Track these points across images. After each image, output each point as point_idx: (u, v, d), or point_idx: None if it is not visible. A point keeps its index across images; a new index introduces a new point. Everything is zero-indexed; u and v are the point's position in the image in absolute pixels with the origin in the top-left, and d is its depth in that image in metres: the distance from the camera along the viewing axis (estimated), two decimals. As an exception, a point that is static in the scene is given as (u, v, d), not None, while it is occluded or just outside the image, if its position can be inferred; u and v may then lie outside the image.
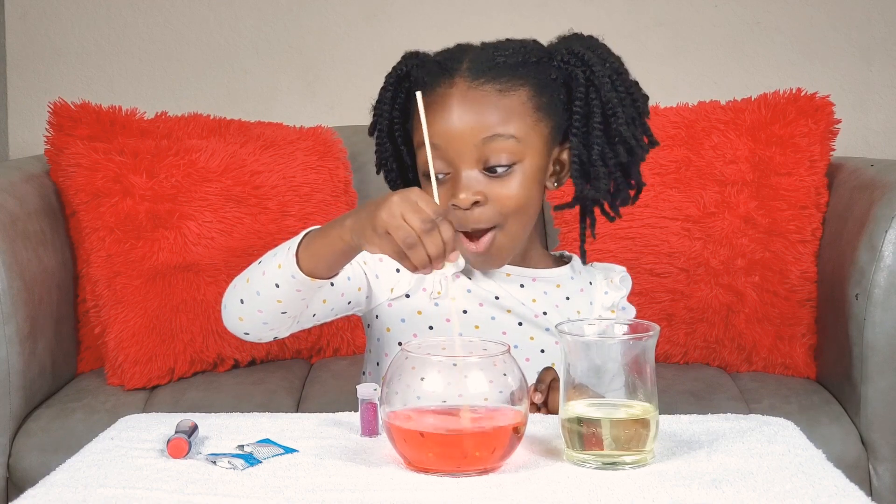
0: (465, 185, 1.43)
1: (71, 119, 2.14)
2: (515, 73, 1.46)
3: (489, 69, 1.45)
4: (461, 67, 1.46)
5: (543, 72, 1.48)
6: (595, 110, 1.48)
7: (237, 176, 2.17)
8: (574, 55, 1.49)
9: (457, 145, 1.43)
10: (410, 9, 2.62)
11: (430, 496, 1.09)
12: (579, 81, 1.48)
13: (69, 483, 1.12)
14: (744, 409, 1.96)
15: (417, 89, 1.42)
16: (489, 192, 1.44)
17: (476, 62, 1.46)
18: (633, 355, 1.17)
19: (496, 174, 1.44)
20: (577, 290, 1.56)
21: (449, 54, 1.50)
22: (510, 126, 1.44)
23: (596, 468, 1.15)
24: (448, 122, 1.43)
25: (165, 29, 2.62)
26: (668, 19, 2.61)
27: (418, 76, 1.49)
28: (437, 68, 1.47)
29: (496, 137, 1.43)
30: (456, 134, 1.43)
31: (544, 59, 1.49)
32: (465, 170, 1.44)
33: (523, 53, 1.48)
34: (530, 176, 1.46)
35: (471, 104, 1.44)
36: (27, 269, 1.96)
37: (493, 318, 1.51)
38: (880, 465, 1.96)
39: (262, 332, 1.43)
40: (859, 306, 1.95)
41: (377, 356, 1.55)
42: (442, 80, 1.46)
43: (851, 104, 2.55)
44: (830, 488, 1.10)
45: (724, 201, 2.14)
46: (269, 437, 1.25)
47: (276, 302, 1.38)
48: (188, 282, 2.08)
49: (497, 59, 1.46)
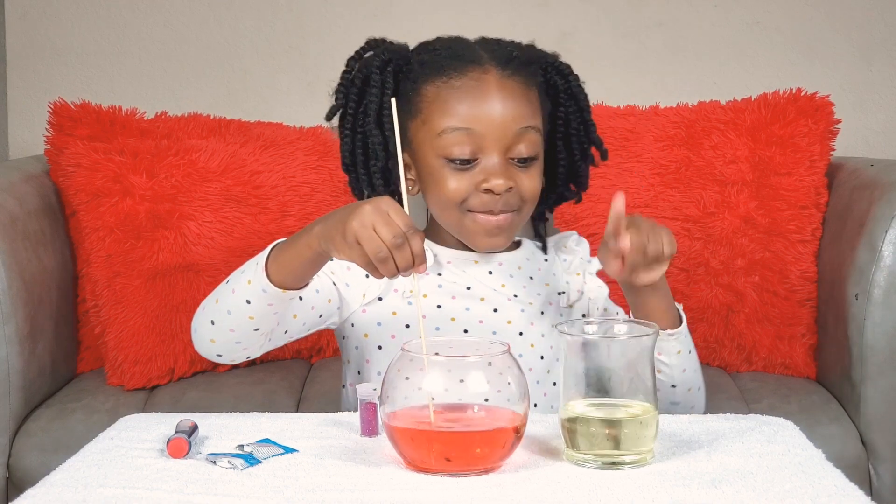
0: (502, 172, 1.46)
1: (71, 119, 2.14)
2: (529, 70, 1.50)
3: (510, 61, 1.48)
4: (482, 57, 1.48)
5: (537, 73, 1.53)
6: (572, 116, 1.56)
7: (237, 176, 2.17)
8: (552, 66, 1.55)
9: (496, 132, 1.45)
10: (411, 9, 2.62)
11: (430, 496, 1.09)
12: (559, 89, 1.54)
13: (69, 483, 1.12)
14: (744, 408, 1.96)
15: (429, 73, 1.47)
16: (516, 180, 1.48)
17: (496, 53, 1.49)
18: (634, 355, 1.17)
19: (523, 165, 1.48)
20: (536, 268, 1.60)
21: (454, 42, 1.52)
22: (536, 119, 1.49)
23: (596, 468, 1.15)
24: (489, 108, 1.45)
25: (165, 29, 2.62)
26: (668, 19, 2.61)
27: (426, 60, 1.50)
28: (452, 54, 1.49)
29: (529, 129, 1.47)
30: (497, 120, 1.45)
31: (533, 61, 1.53)
32: (498, 156, 1.46)
33: (529, 53, 1.53)
34: (541, 168, 1.52)
35: (509, 93, 1.46)
36: (27, 269, 1.96)
37: (467, 309, 1.53)
38: (880, 465, 1.96)
39: (235, 353, 1.43)
40: (859, 306, 1.95)
41: (358, 365, 1.55)
42: (470, 65, 1.47)
43: (851, 104, 2.55)
44: (830, 488, 1.10)
45: (723, 201, 2.14)
46: (269, 437, 1.25)
47: (247, 319, 1.38)
48: (188, 282, 2.08)
49: (513, 53, 1.49)
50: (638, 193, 2.17)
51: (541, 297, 1.57)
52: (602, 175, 2.13)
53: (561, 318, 1.58)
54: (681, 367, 1.50)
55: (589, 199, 1.84)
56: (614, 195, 1.40)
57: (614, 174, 2.18)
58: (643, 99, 2.33)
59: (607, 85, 2.51)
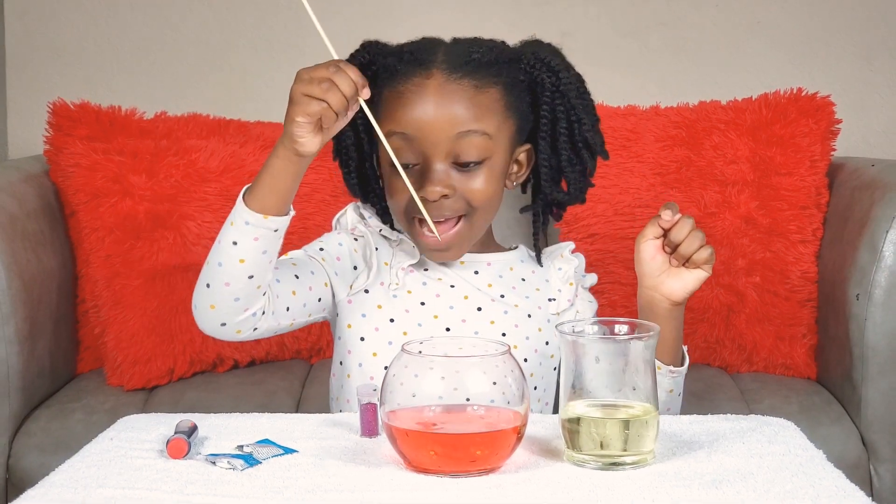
0: (436, 178, 1.45)
1: (70, 119, 2.14)
2: (489, 71, 1.48)
3: (465, 63, 1.47)
4: (437, 59, 1.47)
5: (513, 73, 1.51)
6: (560, 116, 1.52)
7: (237, 176, 2.17)
8: (540, 60, 1.52)
9: (431, 137, 1.45)
10: (411, 9, 2.62)
11: (430, 496, 1.09)
12: (546, 86, 1.51)
13: (69, 483, 1.12)
14: (744, 409, 1.96)
15: (387, 77, 1.47)
16: (458, 185, 1.46)
17: (452, 56, 1.48)
18: (634, 356, 1.17)
19: (466, 169, 1.47)
20: (529, 272, 1.59)
21: (420, 45, 1.51)
22: (483, 123, 1.46)
23: (596, 468, 1.15)
24: (424, 113, 1.45)
25: (165, 29, 2.62)
26: (668, 19, 2.61)
27: (388, 64, 1.50)
28: (410, 58, 1.48)
29: (470, 133, 1.45)
30: (431, 126, 1.45)
31: (514, 60, 1.52)
32: (435, 162, 1.45)
33: (496, 52, 1.50)
34: (497, 172, 1.49)
35: (448, 97, 1.45)
36: (26, 269, 1.96)
37: (451, 308, 1.53)
38: (881, 466, 1.96)
39: (237, 315, 1.41)
40: (860, 306, 1.95)
41: (340, 355, 1.55)
42: (418, 70, 1.47)
43: (852, 104, 2.55)
44: (831, 489, 1.09)
45: (724, 201, 2.14)
46: (268, 437, 1.25)
47: (238, 264, 1.36)
48: (188, 282, 2.08)
49: (473, 55, 1.48)
50: (638, 193, 2.17)
51: (529, 301, 1.57)
52: (602, 175, 2.13)
53: (549, 323, 1.57)
54: (666, 405, 1.51)
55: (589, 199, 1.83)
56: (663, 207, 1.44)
57: (615, 174, 2.18)
58: (644, 99, 2.33)
59: (608, 85, 2.50)
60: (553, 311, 1.58)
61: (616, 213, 2.17)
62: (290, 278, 1.48)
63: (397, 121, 1.46)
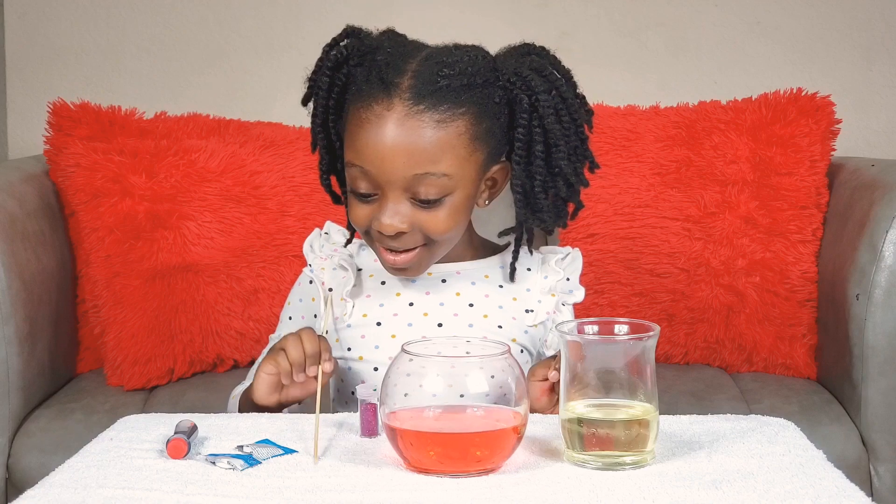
0: (392, 213, 1.40)
1: (70, 119, 2.14)
2: (458, 100, 1.39)
3: (431, 93, 1.38)
4: (402, 85, 1.38)
5: (487, 95, 1.41)
6: (537, 139, 1.42)
7: (237, 176, 2.16)
8: (520, 77, 1.42)
9: (386, 174, 1.38)
10: (410, 9, 2.62)
11: (430, 496, 1.09)
12: (523, 107, 1.42)
13: (68, 483, 1.12)
14: (744, 409, 1.96)
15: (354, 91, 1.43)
16: (416, 219, 1.41)
17: (419, 81, 1.38)
18: (634, 356, 1.17)
19: (425, 205, 1.40)
20: (507, 280, 1.53)
21: (391, 59, 1.42)
22: (442, 164, 1.38)
23: (596, 468, 1.15)
24: (380, 148, 1.38)
25: (165, 29, 2.62)
26: (668, 19, 2.61)
27: (356, 76, 1.43)
28: (377, 77, 1.40)
29: (427, 175, 1.38)
30: (387, 163, 1.38)
31: (490, 80, 1.42)
32: (391, 197, 1.40)
33: (469, 75, 1.40)
34: (459, 205, 1.43)
35: (406, 134, 1.37)
36: (26, 269, 1.96)
37: (409, 325, 1.49)
38: (881, 466, 1.96)
39: None
40: (860, 306, 1.95)
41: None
42: (380, 96, 1.38)
43: (852, 104, 2.55)
44: (831, 489, 1.09)
45: (724, 201, 2.14)
46: (268, 437, 1.25)
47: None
48: (188, 282, 2.08)
49: (440, 82, 1.38)
50: (638, 193, 2.17)
51: (503, 311, 1.51)
52: (602, 175, 2.12)
53: (525, 334, 1.51)
54: None
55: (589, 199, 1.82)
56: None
57: (614, 174, 2.18)
58: (643, 99, 2.33)
59: (607, 85, 2.51)
60: (530, 323, 1.52)
61: (616, 213, 2.17)
62: None
63: (356, 151, 1.40)
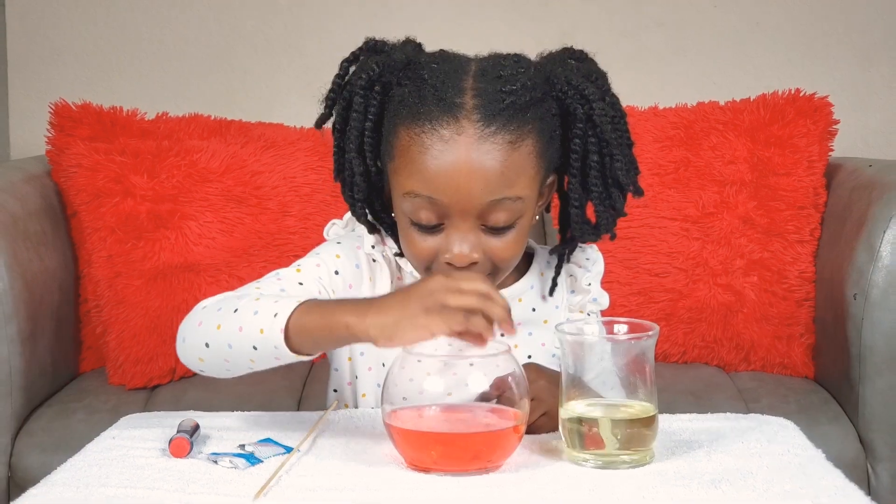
0: (463, 242, 1.30)
1: (72, 119, 2.14)
2: (525, 118, 1.30)
3: (500, 112, 1.28)
4: (466, 105, 1.28)
5: (546, 109, 1.33)
6: (592, 149, 1.34)
7: (238, 176, 2.17)
8: (574, 88, 1.34)
9: (462, 203, 1.28)
10: (410, 9, 2.62)
11: (430, 496, 1.09)
12: (578, 117, 1.34)
13: (70, 482, 1.13)
14: (742, 408, 1.97)
15: (404, 111, 1.30)
16: (486, 247, 1.31)
17: (485, 99, 1.29)
18: (633, 355, 1.17)
19: (495, 232, 1.31)
20: (539, 299, 1.46)
21: (443, 76, 1.31)
22: (517, 187, 1.30)
23: (596, 468, 1.16)
24: (454, 175, 1.27)
25: (165, 29, 2.63)
26: (668, 19, 2.61)
27: (404, 95, 1.31)
28: (433, 95, 1.29)
29: (503, 200, 1.29)
30: (462, 191, 1.27)
31: (546, 92, 1.33)
32: (463, 227, 1.30)
33: (530, 89, 1.31)
34: (526, 227, 1.35)
35: (482, 160, 1.27)
36: (28, 269, 1.97)
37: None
38: (878, 465, 1.96)
39: (220, 374, 1.33)
40: (857, 306, 1.96)
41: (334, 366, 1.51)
42: (445, 117, 1.28)
43: (850, 104, 2.55)
44: (830, 488, 1.10)
45: (722, 201, 2.15)
46: (270, 436, 1.26)
47: (248, 361, 1.27)
48: (189, 282, 2.09)
49: (506, 99, 1.29)
50: (637, 193, 2.17)
51: (532, 338, 1.45)
52: (602, 175, 2.13)
53: (553, 357, 1.45)
54: None
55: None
56: None
57: (614, 174, 2.18)
58: (642, 99, 2.33)
59: (607, 85, 2.51)
60: (557, 345, 1.42)
61: (615, 213, 2.18)
62: None
63: (422, 180, 1.28)
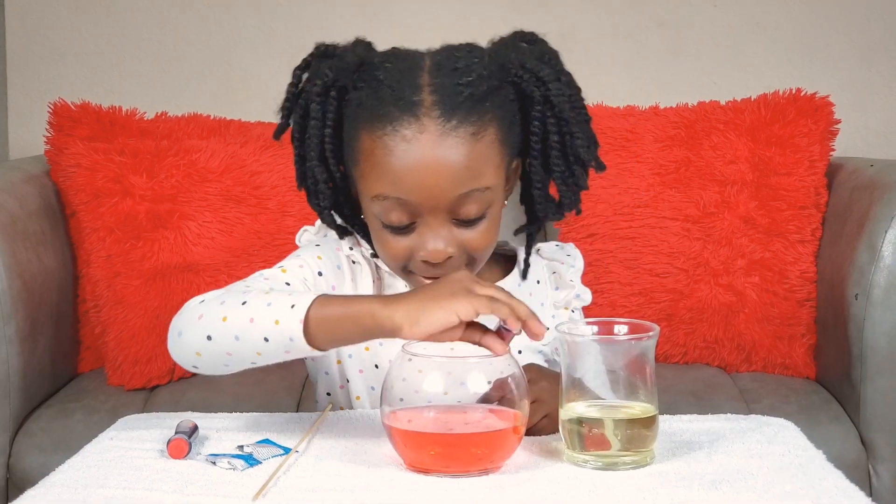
0: (437, 238, 1.29)
1: (71, 119, 2.14)
2: (484, 108, 1.29)
3: (459, 105, 1.28)
4: (424, 101, 1.27)
5: (504, 95, 1.32)
6: (552, 129, 1.34)
7: (237, 176, 2.17)
8: (529, 71, 1.33)
9: (432, 200, 1.27)
10: (410, 9, 2.62)
11: (430, 496, 1.09)
12: (536, 100, 1.33)
13: (69, 483, 1.12)
14: (743, 409, 1.97)
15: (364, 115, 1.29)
16: (460, 240, 1.31)
17: (442, 95, 1.28)
18: (634, 356, 1.17)
19: (466, 224, 1.30)
20: (526, 295, 1.45)
21: (398, 75, 1.30)
22: (485, 177, 1.29)
23: (596, 468, 1.15)
24: (421, 174, 1.26)
25: (165, 29, 2.62)
26: (668, 19, 2.61)
27: (361, 98, 1.30)
28: (391, 95, 1.28)
29: (472, 193, 1.28)
30: (431, 189, 1.27)
31: (502, 79, 1.32)
32: (435, 224, 1.29)
33: (486, 78, 1.30)
34: (497, 215, 1.34)
35: (446, 155, 1.26)
36: (27, 269, 1.97)
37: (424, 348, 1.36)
38: (880, 465, 1.96)
39: (215, 372, 1.29)
40: (859, 306, 1.95)
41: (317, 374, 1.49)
42: (404, 117, 1.27)
43: (851, 104, 2.55)
44: (831, 489, 1.10)
45: (723, 201, 2.14)
46: (268, 437, 1.25)
47: (254, 354, 1.23)
48: (188, 282, 2.08)
49: (464, 92, 1.28)
50: (638, 194, 2.18)
51: (519, 335, 1.40)
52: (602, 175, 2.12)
53: (538, 354, 1.46)
54: None
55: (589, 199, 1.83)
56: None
57: (614, 174, 2.18)
58: (643, 99, 2.33)
59: (607, 85, 2.51)
60: (544, 343, 1.47)
61: (615, 213, 2.18)
62: None
63: (390, 182, 1.28)
